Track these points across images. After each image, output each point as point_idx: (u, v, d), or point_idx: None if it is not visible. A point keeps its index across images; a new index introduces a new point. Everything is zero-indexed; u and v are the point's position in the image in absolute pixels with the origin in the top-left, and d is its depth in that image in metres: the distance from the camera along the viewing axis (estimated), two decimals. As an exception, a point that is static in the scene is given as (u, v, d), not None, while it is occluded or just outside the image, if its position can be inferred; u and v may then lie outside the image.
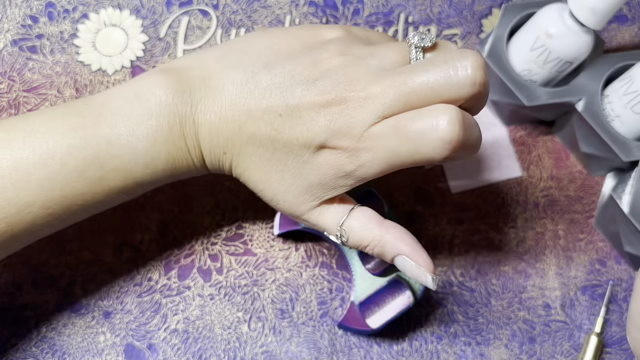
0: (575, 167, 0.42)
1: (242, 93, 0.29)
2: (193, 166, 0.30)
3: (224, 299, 0.38)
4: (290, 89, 0.28)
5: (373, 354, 0.38)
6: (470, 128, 0.27)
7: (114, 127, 0.28)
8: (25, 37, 0.42)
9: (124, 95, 0.29)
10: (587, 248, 0.41)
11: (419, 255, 0.29)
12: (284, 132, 0.28)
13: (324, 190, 0.29)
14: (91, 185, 0.29)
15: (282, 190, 0.29)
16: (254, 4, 0.44)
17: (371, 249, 0.30)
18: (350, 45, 0.29)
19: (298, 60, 0.29)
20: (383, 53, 0.28)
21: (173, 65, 0.30)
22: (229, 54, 0.30)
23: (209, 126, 0.29)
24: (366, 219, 0.30)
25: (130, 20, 0.43)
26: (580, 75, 0.39)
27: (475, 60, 0.26)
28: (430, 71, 0.26)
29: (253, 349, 0.38)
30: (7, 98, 0.41)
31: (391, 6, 0.45)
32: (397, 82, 0.27)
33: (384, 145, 0.27)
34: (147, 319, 0.38)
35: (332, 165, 0.28)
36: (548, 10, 0.37)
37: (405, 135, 0.26)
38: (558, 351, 0.39)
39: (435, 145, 0.26)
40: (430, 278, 0.29)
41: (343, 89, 0.27)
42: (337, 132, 0.27)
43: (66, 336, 0.37)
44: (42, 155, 0.28)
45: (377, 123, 0.27)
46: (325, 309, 0.39)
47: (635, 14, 0.46)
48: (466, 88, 0.26)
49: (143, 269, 0.39)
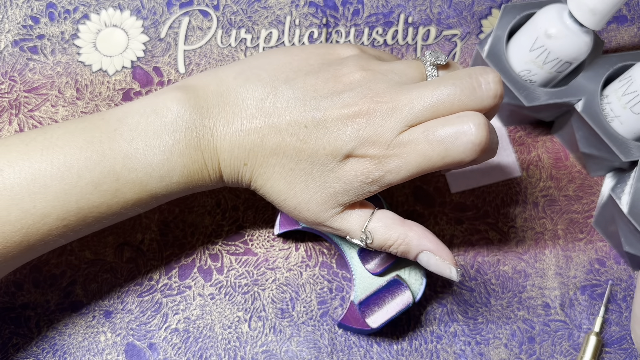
0: (574, 167, 0.42)
1: (264, 107, 0.29)
2: (209, 179, 0.31)
3: (225, 299, 0.38)
4: (314, 101, 0.29)
5: (373, 353, 0.38)
6: (493, 133, 0.29)
7: (131, 141, 0.29)
8: (26, 38, 0.42)
9: (141, 111, 0.30)
10: (586, 248, 0.41)
11: (442, 250, 0.31)
12: (310, 142, 0.29)
13: (347, 196, 0.30)
14: (107, 197, 0.29)
15: (306, 199, 0.30)
16: (254, 4, 0.44)
17: (395, 247, 0.31)
18: (368, 61, 0.31)
19: (318, 75, 0.30)
20: (402, 69, 0.30)
21: (189, 82, 0.31)
22: (247, 70, 0.31)
23: (229, 138, 0.30)
24: (389, 220, 0.31)
25: (131, 20, 0.43)
26: (580, 75, 0.39)
27: (496, 76, 0.29)
28: (457, 84, 0.28)
29: (253, 348, 0.38)
30: (8, 98, 0.41)
31: (391, 7, 0.45)
32: (425, 94, 0.28)
33: (414, 150, 0.28)
34: (147, 318, 0.38)
35: (358, 173, 0.29)
36: (547, 10, 0.37)
37: (436, 139, 0.28)
38: (557, 351, 0.39)
39: (466, 147, 0.28)
40: (454, 270, 0.31)
41: (370, 100, 0.29)
42: (366, 141, 0.28)
43: (67, 336, 0.37)
44: (59, 168, 0.28)
45: (405, 131, 0.28)
46: (325, 309, 0.39)
47: (635, 15, 0.46)
48: (489, 100, 0.29)
49: (144, 269, 0.39)
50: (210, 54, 0.43)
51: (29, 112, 0.41)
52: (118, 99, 0.41)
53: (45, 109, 0.41)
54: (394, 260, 0.36)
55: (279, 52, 0.32)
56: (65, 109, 0.41)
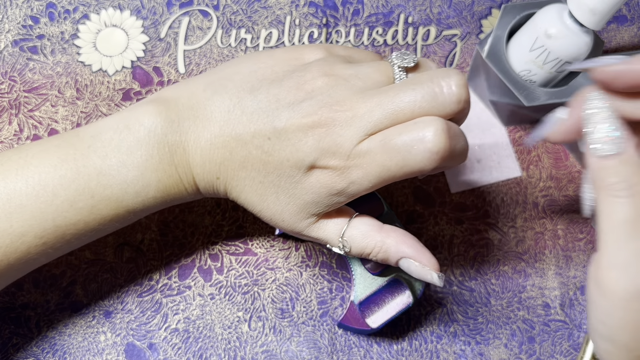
0: (574, 167, 0.42)
1: (230, 119, 0.29)
2: (185, 192, 0.31)
3: (225, 299, 0.38)
4: (276, 112, 0.28)
5: (373, 353, 0.38)
6: (456, 137, 0.27)
7: (105, 158, 0.29)
8: (26, 38, 0.42)
9: (114, 127, 0.30)
10: (586, 248, 0.41)
11: (422, 255, 0.30)
12: (274, 154, 0.28)
13: (318, 207, 0.30)
14: (83, 214, 0.29)
15: (279, 211, 0.30)
16: (254, 4, 0.44)
17: (374, 255, 0.31)
18: (332, 65, 0.29)
19: (282, 84, 0.29)
20: (367, 73, 0.29)
21: (161, 95, 0.31)
22: (215, 81, 0.31)
23: (200, 152, 0.30)
24: (366, 227, 0.31)
25: (131, 20, 0.43)
26: (580, 75, 0.39)
27: (460, 79, 0.27)
28: (417, 89, 0.27)
29: (253, 348, 0.38)
30: (7, 98, 0.41)
31: (391, 7, 0.45)
32: (384, 101, 0.27)
33: (373, 160, 0.27)
34: (147, 318, 0.38)
35: (324, 185, 0.28)
36: (547, 10, 0.37)
37: (393, 149, 0.27)
38: (557, 351, 0.39)
39: (424, 156, 0.27)
40: (436, 276, 0.30)
41: (329, 109, 0.28)
42: (326, 151, 0.28)
43: (67, 336, 0.37)
44: (34, 187, 0.29)
45: (364, 140, 0.27)
46: (325, 309, 0.39)
47: (635, 15, 0.46)
48: (452, 105, 0.27)
49: (144, 269, 0.39)
50: (210, 54, 0.43)
51: (29, 112, 0.41)
52: (118, 99, 0.41)
53: (45, 109, 0.41)
54: (394, 260, 0.36)
55: (247, 59, 0.31)
56: (65, 108, 0.41)
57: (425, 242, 0.40)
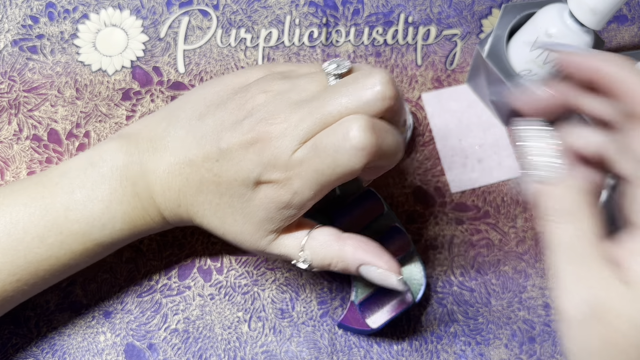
0: (575, 167, 0.42)
1: (183, 147, 0.30)
2: (152, 222, 0.32)
3: (224, 299, 0.38)
4: (221, 134, 0.29)
5: (373, 353, 0.38)
6: (384, 133, 0.27)
7: (72, 194, 0.31)
8: (26, 37, 0.42)
9: (80, 165, 0.31)
10: (586, 248, 0.41)
11: (379, 259, 0.30)
12: (223, 175, 0.29)
13: (273, 223, 0.30)
14: (54, 250, 0.30)
15: (239, 231, 0.31)
16: (254, 4, 0.44)
17: (335, 265, 0.31)
18: (270, 82, 0.30)
19: (226, 106, 0.30)
20: (302, 85, 0.29)
21: (123, 132, 0.33)
22: (170, 113, 0.32)
23: (159, 182, 0.31)
24: (325, 237, 0.31)
25: (131, 20, 0.43)
26: (580, 75, 0.39)
27: (383, 77, 0.27)
28: (342, 92, 0.28)
29: (253, 348, 0.38)
30: (7, 98, 0.41)
31: (391, 6, 0.45)
32: (313, 108, 0.28)
33: (309, 167, 0.28)
34: (147, 318, 0.38)
35: (271, 199, 0.29)
36: (548, 10, 0.37)
37: (323, 151, 0.27)
38: (558, 351, 0.39)
39: (351, 153, 0.26)
40: (395, 279, 0.30)
41: (265, 123, 0.28)
42: (267, 165, 0.28)
43: (66, 336, 0.37)
44: (6, 225, 0.30)
45: (299, 149, 0.28)
46: (325, 309, 0.39)
47: (635, 14, 0.46)
48: (378, 103, 0.27)
49: (143, 269, 0.39)
50: (210, 53, 0.43)
51: (29, 112, 0.41)
52: (118, 99, 0.41)
53: (45, 109, 0.41)
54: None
55: (198, 89, 0.33)
56: (65, 108, 0.41)
57: (425, 242, 0.40)
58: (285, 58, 0.43)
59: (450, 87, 0.43)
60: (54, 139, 0.40)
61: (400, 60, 0.44)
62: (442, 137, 0.42)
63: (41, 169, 0.40)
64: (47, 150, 0.40)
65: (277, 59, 0.43)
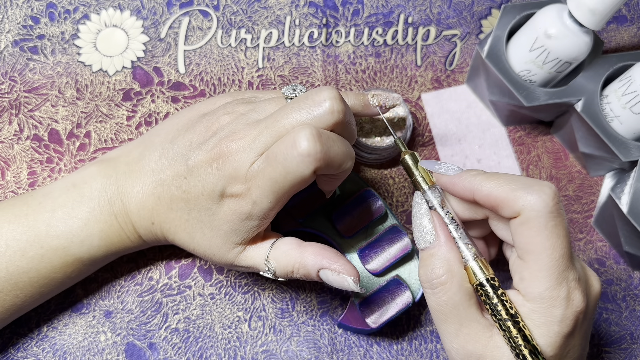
0: (574, 167, 0.43)
1: (157, 169, 0.33)
2: (128, 240, 0.34)
3: (225, 299, 0.39)
4: (189, 153, 0.32)
5: (373, 353, 0.38)
6: (330, 142, 0.29)
7: (53, 212, 0.33)
8: (27, 38, 0.42)
9: (63, 186, 0.34)
10: (586, 248, 0.41)
11: (337, 264, 0.31)
12: (191, 191, 0.31)
13: (238, 235, 0.32)
14: (34, 263, 0.32)
15: (207, 245, 0.32)
16: (254, 4, 0.44)
17: (296, 272, 0.32)
18: (235, 106, 0.33)
19: (194, 129, 0.33)
20: (262, 106, 0.32)
21: (105, 157, 0.36)
22: (146, 139, 0.35)
23: (134, 202, 0.33)
24: (286, 246, 0.32)
25: (131, 21, 0.43)
26: (580, 75, 0.39)
27: (331, 93, 0.30)
28: (294, 107, 0.30)
29: (253, 348, 0.38)
30: (8, 98, 0.41)
31: (391, 7, 0.45)
32: (269, 123, 0.30)
33: (264, 176, 0.29)
34: (147, 318, 0.38)
35: (235, 211, 0.31)
36: (547, 10, 0.37)
37: (274, 160, 0.29)
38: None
39: (298, 160, 0.28)
40: (351, 281, 0.31)
41: (227, 140, 0.31)
42: (229, 178, 0.30)
43: (67, 335, 0.37)
44: None
45: (256, 161, 0.30)
46: (325, 309, 0.39)
47: (634, 15, 0.46)
48: (327, 116, 0.29)
49: (144, 269, 0.39)
50: (210, 54, 0.43)
51: (29, 112, 0.41)
52: (118, 99, 0.42)
53: (46, 109, 0.41)
54: (394, 260, 0.36)
55: (173, 117, 0.36)
56: (66, 109, 0.41)
57: (425, 242, 0.40)
58: (285, 58, 0.43)
59: (449, 87, 0.44)
60: (54, 139, 0.40)
61: (400, 60, 0.44)
62: (442, 137, 0.42)
63: (41, 169, 0.40)
64: (47, 150, 0.40)
65: (277, 59, 0.43)
